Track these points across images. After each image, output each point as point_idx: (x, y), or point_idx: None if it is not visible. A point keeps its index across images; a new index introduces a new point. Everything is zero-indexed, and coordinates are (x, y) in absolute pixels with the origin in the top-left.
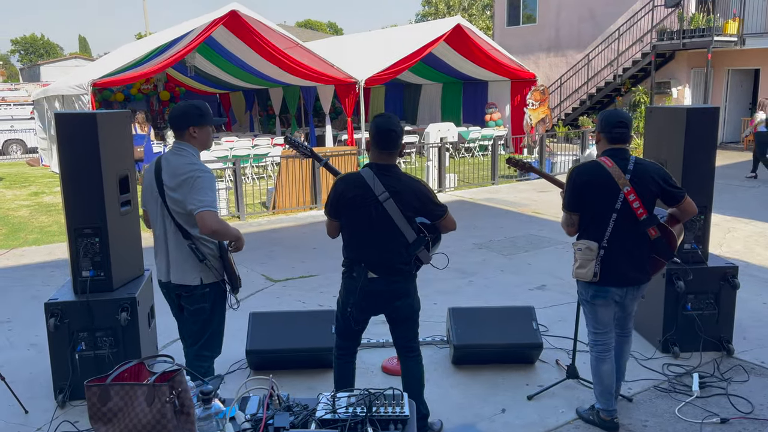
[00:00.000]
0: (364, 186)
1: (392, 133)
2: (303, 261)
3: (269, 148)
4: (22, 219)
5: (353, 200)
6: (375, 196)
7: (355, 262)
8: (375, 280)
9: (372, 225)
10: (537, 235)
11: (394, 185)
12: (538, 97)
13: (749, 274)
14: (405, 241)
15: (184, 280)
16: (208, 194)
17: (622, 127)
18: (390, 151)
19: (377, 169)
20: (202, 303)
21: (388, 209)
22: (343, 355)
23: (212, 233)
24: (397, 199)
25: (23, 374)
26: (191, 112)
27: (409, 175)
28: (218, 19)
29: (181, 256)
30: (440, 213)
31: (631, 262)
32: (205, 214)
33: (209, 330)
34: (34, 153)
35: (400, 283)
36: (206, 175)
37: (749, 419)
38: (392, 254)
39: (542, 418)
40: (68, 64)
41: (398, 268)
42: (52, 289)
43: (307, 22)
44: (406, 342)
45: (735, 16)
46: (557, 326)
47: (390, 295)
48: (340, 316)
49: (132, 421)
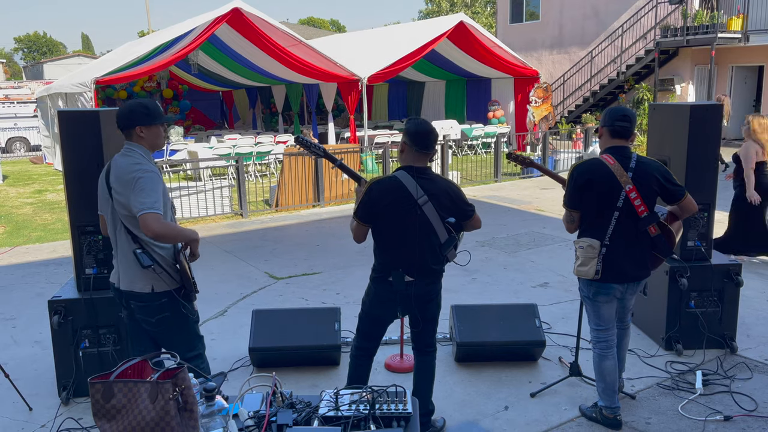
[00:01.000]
0: (404, 190)
1: (431, 134)
2: (306, 258)
3: (272, 146)
4: (26, 217)
5: (392, 205)
6: (414, 199)
7: (391, 267)
8: (411, 283)
9: (411, 228)
10: (540, 233)
11: (431, 188)
12: (541, 94)
13: (753, 272)
14: (439, 242)
15: (132, 287)
16: (150, 195)
17: (625, 120)
18: (430, 152)
19: (416, 172)
20: (164, 313)
21: (426, 212)
22: (362, 356)
23: (155, 236)
24: (435, 201)
25: (27, 371)
26: (138, 110)
27: (441, 176)
28: (221, 17)
29: (128, 262)
30: (471, 212)
31: (632, 259)
32: (147, 217)
33: (183, 333)
34: (38, 151)
35: (435, 284)
36: (148, 175)
37: (753, 417)
38: (429, 256)
39: (545, 416)
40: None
41: (434, 270)
42: (56, 286)
43: (310, 20)
44: (429, 339)
45: (739, 13)
46: (560, 324)
47: (425, 296)
48: (366, 318)
49: (135, 418)
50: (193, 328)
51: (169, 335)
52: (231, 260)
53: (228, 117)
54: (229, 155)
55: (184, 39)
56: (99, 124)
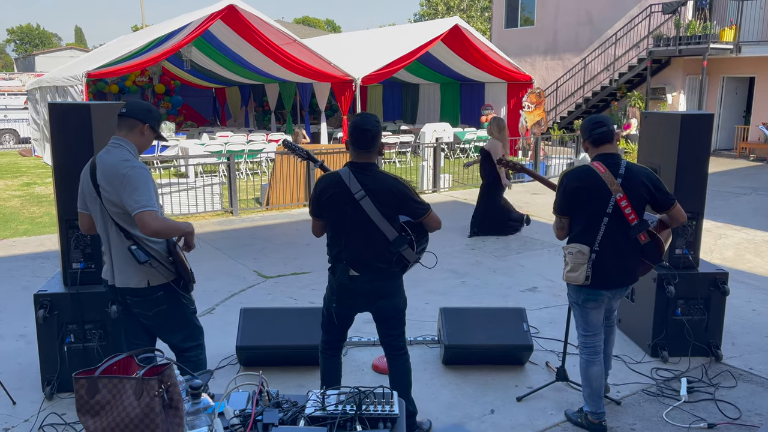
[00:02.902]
0: (341, 184)
1: (367, 132)
2: (295, 258)
3: (264, 144)
4: (13, 209)
5: (332, 199)
6: (351, 194)
7: (337, 260)
8: (356, 278)
9: (350, 223)
10: (530, 237)
11: (369, 183)
12: (534, 99)
13: (739, 281)
14: (385, 240)
15: (128, 283)
16: (143, 193)
17: (601, 126)
18: (365, 149)
19: (354, 167)
20: (160, 306)
21: (365, 207)
22: (327, 350)
23: (154, 234)
24: (373, 197)
25: (11, 365)
26: (156, 112)
27: (387, 173)
28: (216, 13)
29: (123, 259)
30: (422, 211)
31: (621, 265)
32: (144, 215)
33: (181, 324)
34: (27, 143)
35: (380, 281)
36: (137, 171)
37: (736, 425)
38: (372, 253)
39: (531, 420)
40: (63, 54)
41: (378, 267)
42: (42, 280)
43: (305, 19)
44: (392, 340)
45: (731, 24)
46: (548, 328)
47: (371, 293)
48: (325, 311)
49: (120, 415)
50: (191, 318)
51: (168, 327)
52: (220, 258)
53: (220, 114)
54: (221, 152)
55: (178, 34)
56: (90, 117)
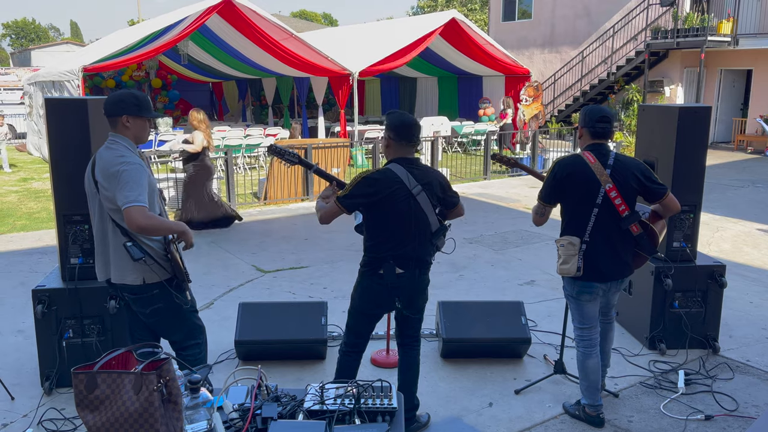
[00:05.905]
0: (399, 182)
1: (414, 126)
2: (293, 252)
3: (261, 139)
4: (11, 205)
5: (390, 197)
6: (409, 190)
7: (383, 260)
8: (402, 275)
9: (407, 220)
10: (528, 231)
11: (423, 178)
12: (531, 92)
13: (737, 273)
14: (431, 231)
15: (124, 279)
16: (133, 189)
17: (605, 122)
18: (415, 143)
19: (407, 163)
20: (156, 304)
21: (420, 202)
22: (352, 353)
23: (140, 230)
24: (428, 190)
25: (10, 361)
26: (128, 100)
27: (430, 166)
28: (212, 7)
29: (119, 255)
30: (457, 200)
31: (614, 257)
32: (130, 210)
33: (180, 322)
34: (23, 138)
35: (425, 275)
36: (131, 167)
37: (733, 417)
38: (423, 247)
39: (529, 413)
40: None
41: (427, 261)
42: (40, 275)
43: (302, 13)
44: (415, 332)
45: (729, 17)
46: (546, 321)
47: (415, 289)
48: (355, 314)
49: (119, 409)
50: (189, 317)
51: (166, 325)
52: (218, 252)
53: (217, 108)
54: (218, 147)
55: (175, 29)
56: (86, 112)
